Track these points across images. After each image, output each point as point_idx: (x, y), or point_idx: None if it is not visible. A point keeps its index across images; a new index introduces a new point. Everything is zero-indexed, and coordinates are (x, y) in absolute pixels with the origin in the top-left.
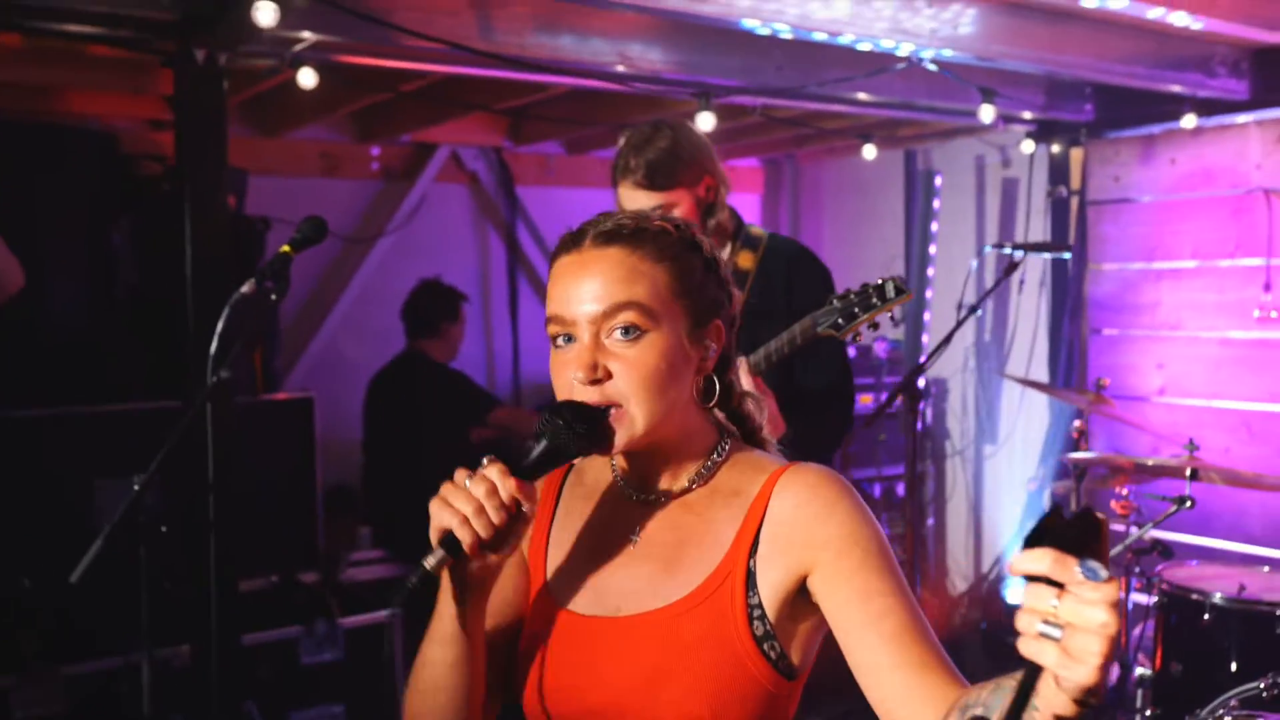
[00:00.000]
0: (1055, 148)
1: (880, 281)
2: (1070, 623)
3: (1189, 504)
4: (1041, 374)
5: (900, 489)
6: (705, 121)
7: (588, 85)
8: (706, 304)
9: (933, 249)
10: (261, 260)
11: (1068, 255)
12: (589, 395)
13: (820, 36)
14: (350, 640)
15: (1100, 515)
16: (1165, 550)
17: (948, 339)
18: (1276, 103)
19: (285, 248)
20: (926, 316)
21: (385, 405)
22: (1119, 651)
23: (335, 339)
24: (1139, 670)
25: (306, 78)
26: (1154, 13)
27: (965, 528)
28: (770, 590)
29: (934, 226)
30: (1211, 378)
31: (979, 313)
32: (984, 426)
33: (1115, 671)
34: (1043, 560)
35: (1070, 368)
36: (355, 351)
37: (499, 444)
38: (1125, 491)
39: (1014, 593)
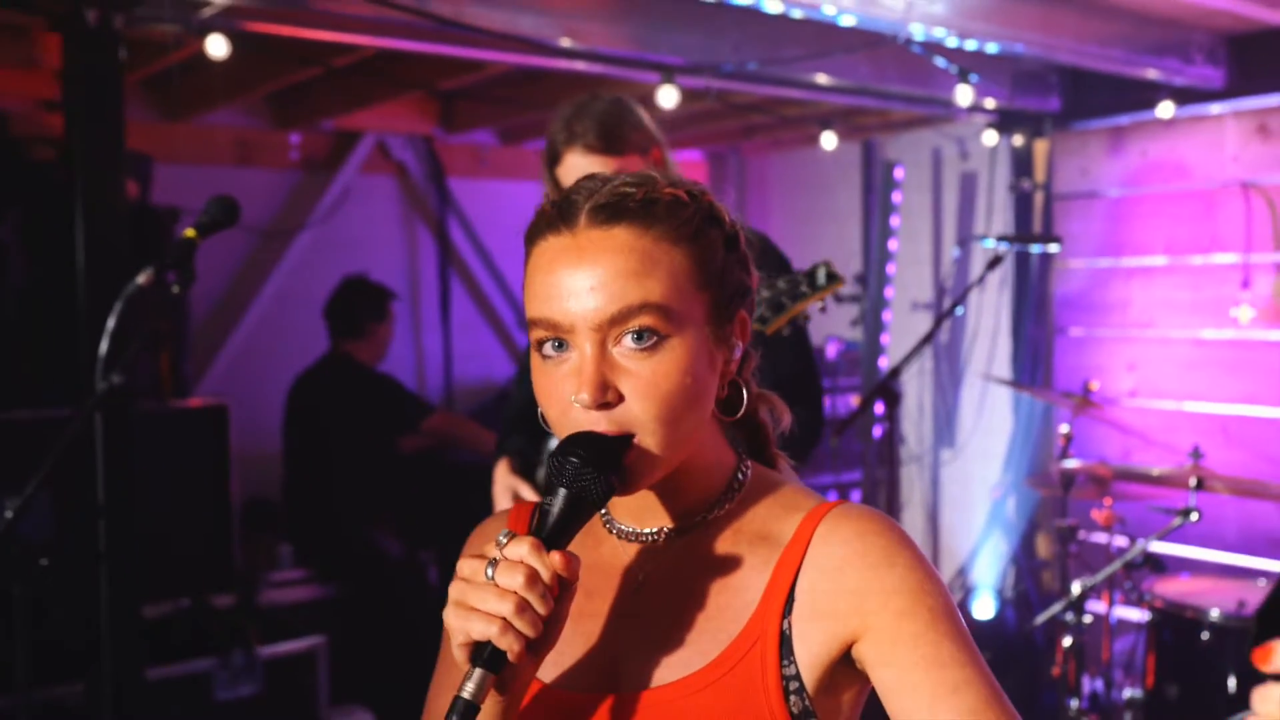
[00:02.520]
0: (1019, 139)
1: (810, 268)
2: None
3: (1194, 517)
4: (1003, 376)
5: (855, 496)
6: (667, 98)
7: (530, 63)
8: (731, 292)
9: (893, 244)
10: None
11: (1056, 248)
12: (597, 422)
13: (780, 10)
14: (269, 672)
15: None
16: (1157, 564)
17: (928, 337)
18: (1253, 91)
19: (190, 232)
20: (886, 316)
21: (308, 412)
22: (1100, 667)
23: (252, 341)
24: (1129, 692)
25: (216, 46)
26: None
27: (922, 537)
28: (810, 658)
29: (894, 221)
30: (1185, 379)
31: (961, 310)
32: (942, 431)
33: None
34: None
35: (1035, 369)
36: (274, 355)
37: (433, 455)
38: (1108, 501)
39: (1262, 696)
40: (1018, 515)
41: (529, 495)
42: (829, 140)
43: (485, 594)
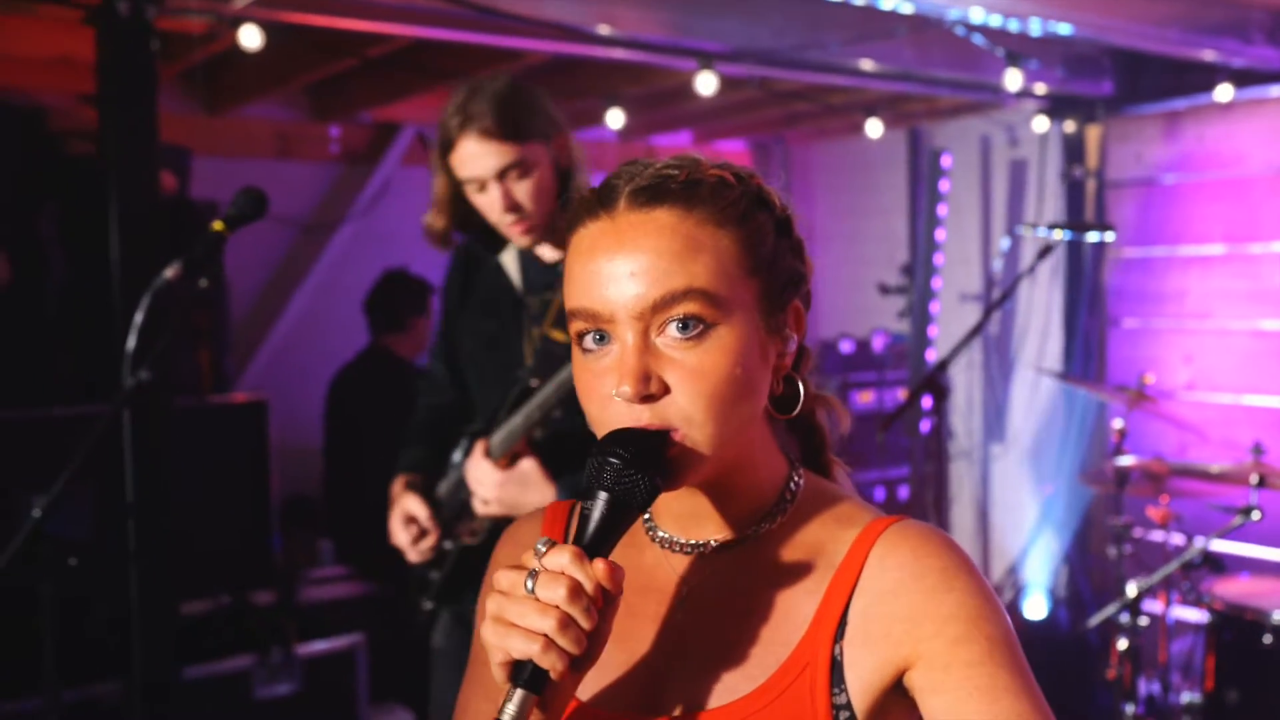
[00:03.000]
0: (1070, 125)
1: None
2: None
3: (1256, 515)
4: (1055, 369)
5: (903, 492)
6: (705, 85)
7: (567, 51)
8: (783, 279)
9: (940, 235)
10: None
11: (1111, 236)
12: (639, 416)
13: None
14: (308, 670)
15: None
16: (1216, 564)
17: (976, 330)
18: None
19: (217, 224)
20: (934, 308)
21: (347, 407)
22: (1157, 670)
23: (294, 335)
24: (1187, 695)
25: (250, 37)
26: None
27: (972, 533)
28: (861, 686)
29: (941, 210)
30: (1244, 372)
31: (1010, 302)
32: (992, 425)
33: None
34: None
35: (1088, 362)
36: (316, 349)
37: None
38: (1165, 499)
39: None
40: (1070, 513)
41: (421, 515)
42: (874, 128)
43: (525, 609)
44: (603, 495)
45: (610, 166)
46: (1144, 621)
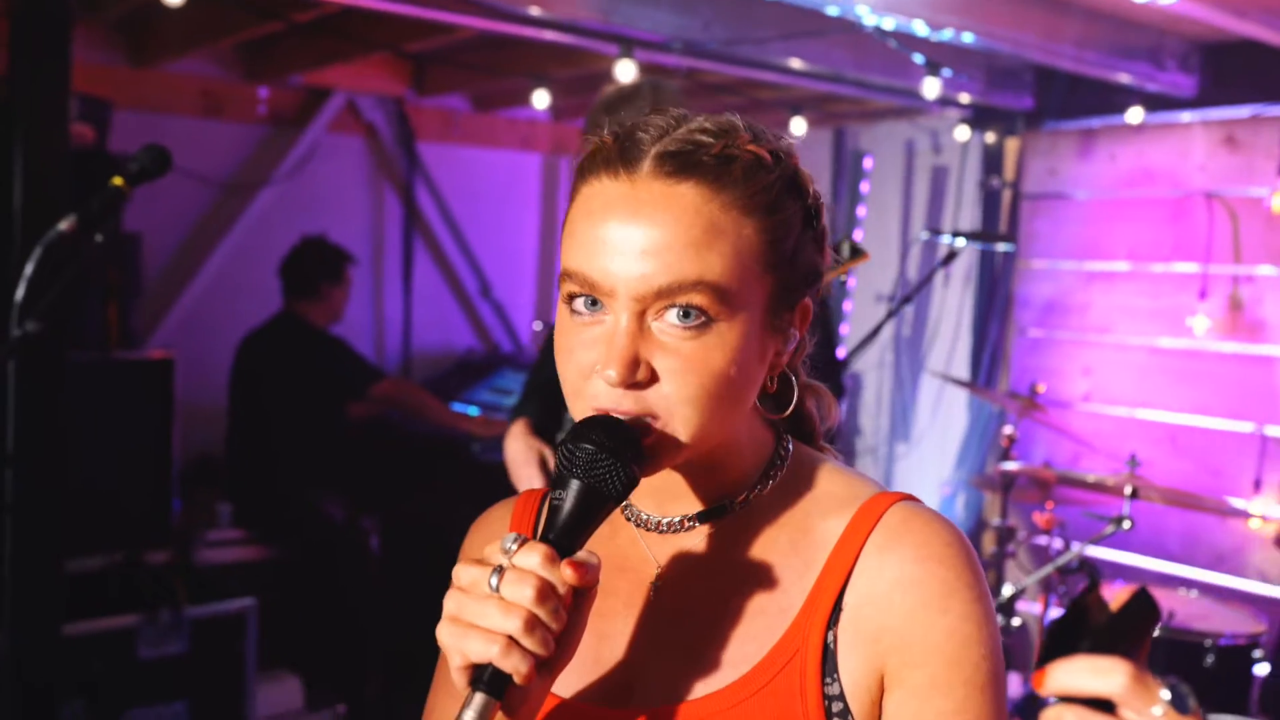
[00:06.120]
0: (991, 136)
1: (835, 243)
2: None
3: (1127, 524)
4: (962, 373)
5: None
6: (625, 72)
7: (496, 29)
8: (800, 275)
9: (858, 235)
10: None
11: (1010, 247)
12: (620, 401)
13: None
14: (196, 631)
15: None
16: (1091, 570)
17: (876, 331)
18: (1223, 102)
19: (117, 180)
20: (847, 306)
21: (254, 370)
22: (1027, 672)
23: (208, 295)
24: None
25: None
26: None
27: None
28: (854, 680)
29: (860, 211)
30: (1139, 386)
31: (911, 303)
32: (898, 424)
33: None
34: (1113, 676)
35: (993, 368)
36: (230, 310)
37: (382, 421)
38: (1050, 505)
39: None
40: (966, 513)
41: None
42: (798, 126)
43: (486, 608)
44: (575, 484)
45: (542, 146)
46: (1016, 622)
